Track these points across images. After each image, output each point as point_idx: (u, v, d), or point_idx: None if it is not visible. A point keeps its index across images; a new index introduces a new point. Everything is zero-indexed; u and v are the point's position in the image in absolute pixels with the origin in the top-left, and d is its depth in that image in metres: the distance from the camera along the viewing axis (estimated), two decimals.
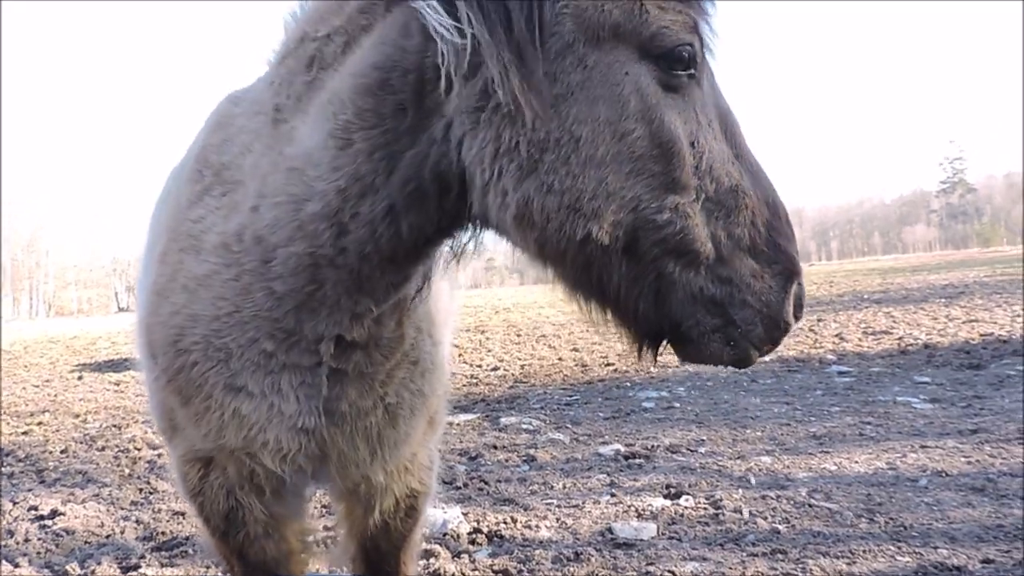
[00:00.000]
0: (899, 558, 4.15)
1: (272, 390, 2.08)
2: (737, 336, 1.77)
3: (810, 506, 5.13)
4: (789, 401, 8.80)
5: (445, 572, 4.23)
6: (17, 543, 5.19)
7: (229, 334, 2.06)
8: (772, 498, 5.33)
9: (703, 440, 7.23)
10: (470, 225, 1.90)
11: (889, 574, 3.96)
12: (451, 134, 1.74)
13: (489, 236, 1.94)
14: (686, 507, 5.26)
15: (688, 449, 6.89)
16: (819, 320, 17.64)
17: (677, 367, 11.89)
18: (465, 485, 6.08)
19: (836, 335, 14.68)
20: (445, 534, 4.87)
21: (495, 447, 7.37)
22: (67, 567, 4.67)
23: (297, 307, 1.99)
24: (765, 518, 4.94)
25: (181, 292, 2.11)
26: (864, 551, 4.27)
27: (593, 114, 1.66)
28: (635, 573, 4.18)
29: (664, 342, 1.85)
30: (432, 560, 4.37)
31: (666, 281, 1.74)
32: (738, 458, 6.49)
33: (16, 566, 4.71)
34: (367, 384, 2.18)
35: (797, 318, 1.83)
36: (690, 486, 5.72)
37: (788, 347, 13.31)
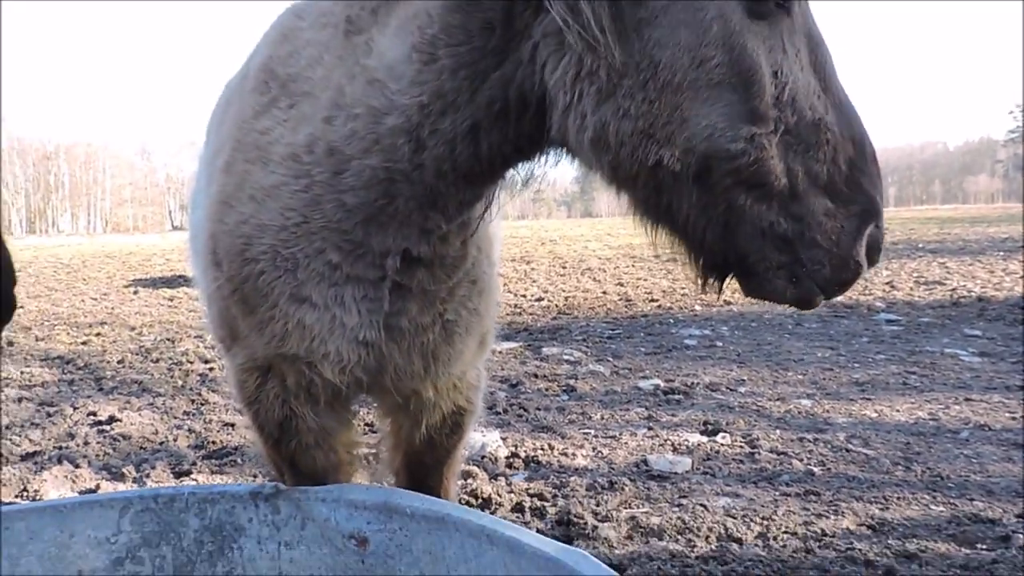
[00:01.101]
0: (933, 507, 4.16)
1: (335, 302, 2.14)
2: (802, 274, 1.74)
3: (847, 451, 5.14)
4: (833, 346, 8.74)
5: (482, 492, 4.35)
6: (77, 445, 5.46)
7: (296, 244, 2.10)
8: (809, 441, 5.35)
9: (743, 380, 7.24)
10: (546, 148, 1.90)
11: (922, 522, 3.98)
12: (537, 56, 1.73)
13: (557, 164, 1.95)
14: (722, 444, 5.31)
15: (728, 388, 6.92)
16: None
17: (721, 306, 11.84)
18: (505, 411, 6.20)
19: (887, 283, 14.42)
20: (483, 456, 5.00)
21: (536, 376, 7.47)
22: (123, 470, 4.91)
23: (366, 220, 2.03)
24: (801, 460, 4.97)
25: (248, 202, 2.15)
26: (898, 498, 4.29)
27: (674, 39, 1.63)
28: (667, 504, 4.26)
29: (729, 276, 1.84)
30: (470, 480, 4.50)
31: (736, 213, 1.71)
32: (778, 399, 6.50)
33: (76, 467, 4.96)
34: (428, 301, 2.23)
35: (872, 262, 1.79)
36: (727, 424, 5.76)
37: None
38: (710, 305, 12.00)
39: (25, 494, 4.51)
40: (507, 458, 5.02)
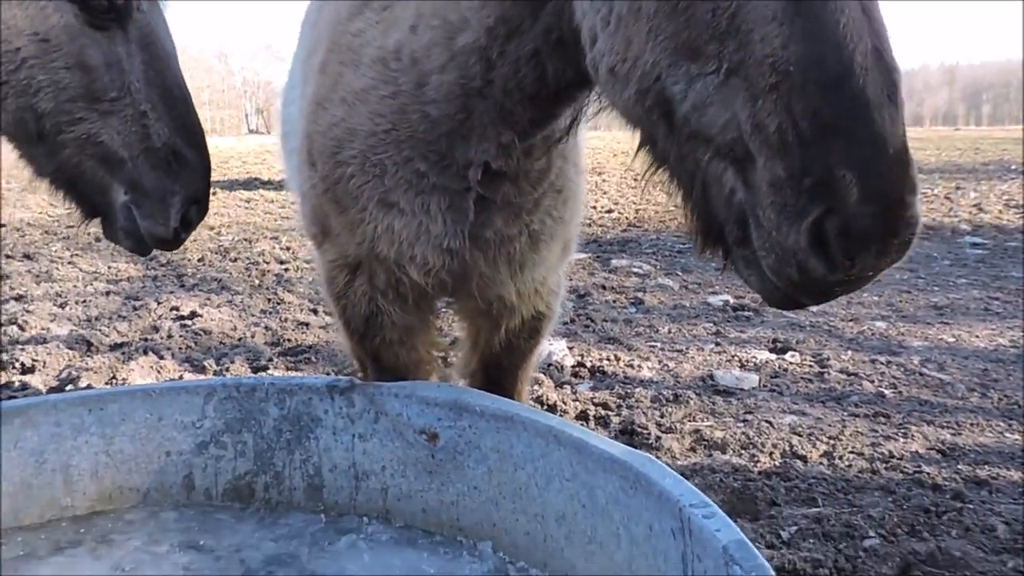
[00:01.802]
0: (1007, 435, 4.08)
1: (422, 210, 2.18)
2: (754, 260, 1.45)
3: (921, 375, 5.04)
4: (913, 268, 8.47)
5: (547, 400, 4.43)
6: (161, 338, 5.71)
7: (385, 151, 2.14)
8: (881, 363, 5.25)
9: None
10: None
11: (995, 449, 3.91)
12: None
13: None
14: (791, 363, 5.26)
15: None
16: (957, 188, 16.58)
17: None
18: (572, 321, 6.23)
19: (974, 205, 13.81)
20: (550, 365, 5.06)
21: (604, 287, 7.47)
22: (204, 363, 5.14)
23: (449, 132, 2.06)
24: (872, 381, 4.90)
25: (340, 104, 2.20)
26: (971, 424, 4.21)
27: None
28: (732, 419, 4.27)
29: (722, 245, 1.56)
30: (536, 388, 4.57)
31: (701, 170, 1.48)
32: (851, 320, 6.38)
33: (161, 358, 5.21)
34: (513, 213, 2.25)
35: (852, 255, 1.32)
36: (797, 343, 5.69)
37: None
38: None
39: (114, 381, 4.76)
40: (573, 367, 5.08)
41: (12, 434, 2.47)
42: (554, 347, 5.28)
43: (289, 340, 5.67)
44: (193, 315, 6.28)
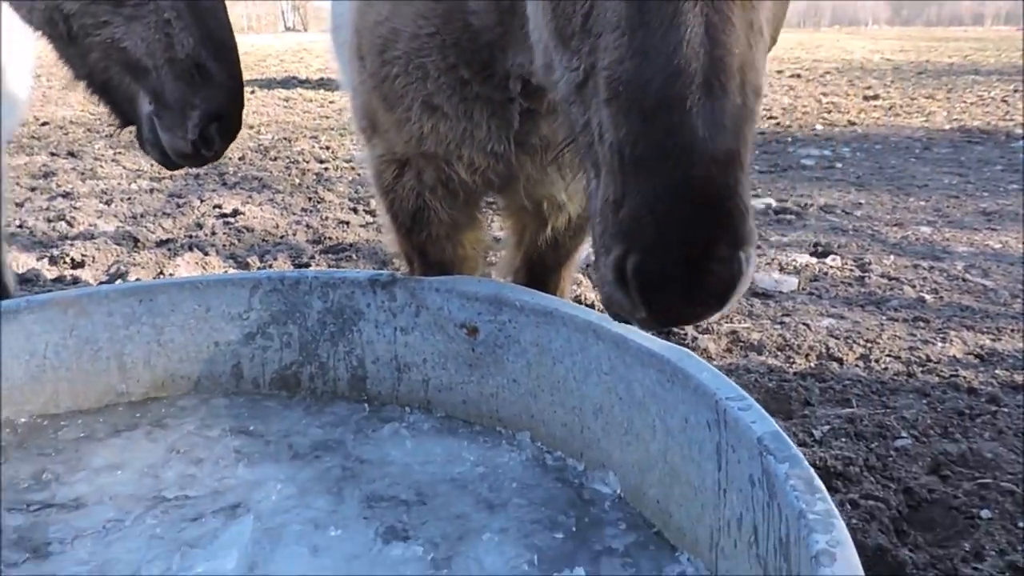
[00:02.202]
0: None
1: (465, 116, 2.16)
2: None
3: (964, 280, 4.97)
4: (963, 173, 8.24)
5: (585, 299, 4.46)
6: (205, 235, 5.81)
7: (428, 55, 2.12)
8: (924, 268, 5.18)
9: (860, 203, 6.97)
10: None
11: None
12: None
13: None
14: (832, 266, 5.21)
15: (843, 211, 6.69)
16: (1015, 91, 15.90)
17: (845, 126, 11.24)
18: None
19: None
20: (588, 265, 5.07)
21: None
22: (248, 260, 5.23)
23: (490, 43, 2.03)
24: (913, 286, 4.85)
25: (384, 1, 2.18)
26: (1012, 330, 4.17)
27: None
28: (769, 321, 4.27)
29: None
30: (575, 288, 4.60)
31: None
32: (895, 225, 6.27)
33: (205, 254, 5.31)
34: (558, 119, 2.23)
35: (646, 302, 1.24)
36: (839, 247, 5.63)
37: (973, 116, 12.24)
38: (832, 124, 11.40)
39: (160, 277, 4.88)
40: None
41: (67, 323, 2.57)
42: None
43: (330, 238, 5.73)
44: (235, 213, 6.36)
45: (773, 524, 1.51)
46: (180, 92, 2.36)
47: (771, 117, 12.43)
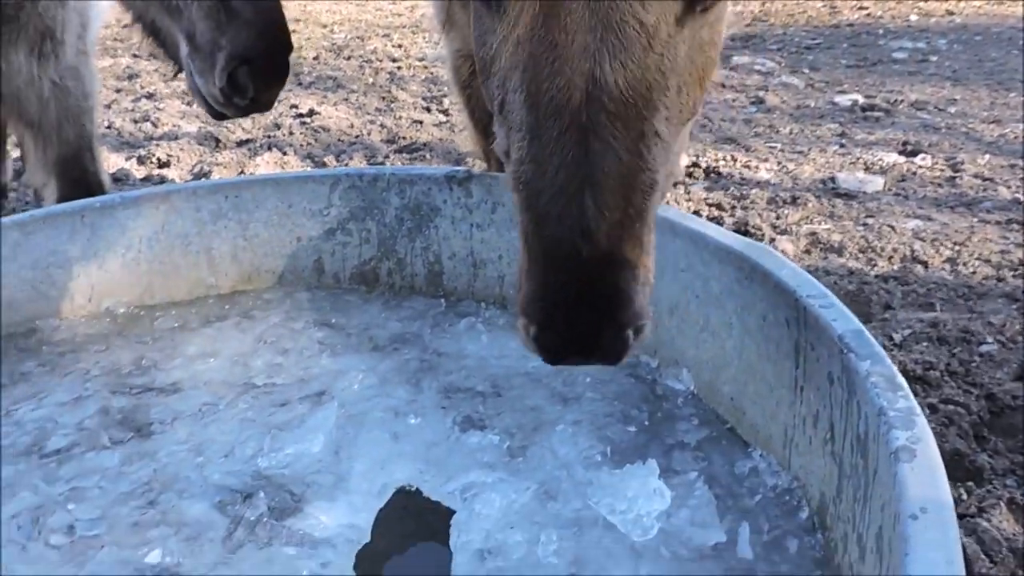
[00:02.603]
0: None
1: None
2: None
3: None
4: None
5: None
6: (284, 135, 5.88)
7: None
8: (1020, 168, 4.92)
9: (955, 99, 6.60)
10: None
11: None
12: None
13: None
14: (921, 166, 4.99)
15: (936, 107, 6.36)
16: None
17: (941, 16, 10.56)
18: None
19: None
20: None
21: (723, 85, 7.14)
22: (325, 159, 5.29)
23: None
24: (1008, 187, 4.62)
25: None
26: None
27: None
28: (852, 223, 4.15)
29: None
30: None
31: None
32: (992, 122, 5.93)
33: (284, 154, 5.39)
34: None
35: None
36: (929, 145, 5.37)
37: None
38: (928, 15, 10.70)
39: (242, 176, 4.99)
40: (688, 168, 4.98)
41: (159, 218, 2.67)
42: None
43: (404, 137, 5.74)
44: (311, 113, 6.40)
45: (851, 421, 1.51)
46: (208, 33, 2.21)
47: (861, 7, 11.73)
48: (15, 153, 4.20)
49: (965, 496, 2.30)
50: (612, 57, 1.16)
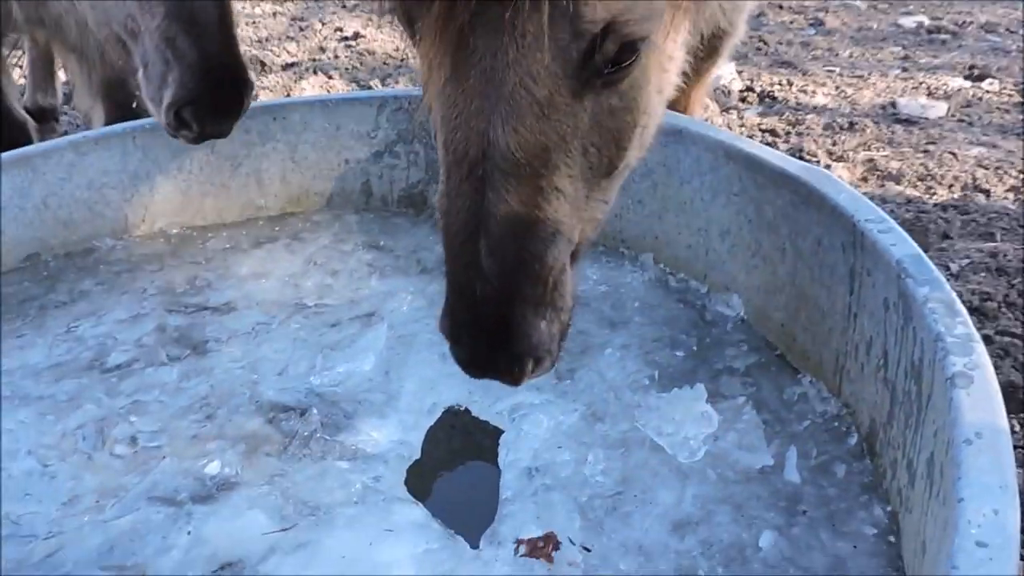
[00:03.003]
0: None
1: None
2: None
3: None
4: None
5: (711, 124, 4.29)
6: (329, 59, 5.84)
7: None
8: None
9: None
10: None
11: None
12: None
13: None
14: (987, 91, 4.79)
15: (1007, 29, 6.05)
16: None
17: None
18: (743, 43, 5.84)
19: None
20: (716, 88, 4.85)
21: (780, 6, 6.87)
22: (370, 83, 5.25)
23: None
24: None
25: None
26: None
27: None
28: (911, 149, 4.02)
29: None
30: (702, 112, 4.43)
31: None
32: None
33: (329, 77, 5.36)
34: None
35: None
36: (998, 70, 5.14)
37: None
38: None
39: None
40: (741, 92, 4.84)
41: (209, 140, 2.68)
42: (722, 70, 5.01)
43: None
44: (356, 36, 6.33)
45: (906, 348, 1.49)
46: (159, 66, 2.17)
47: None
48: (64, 77, 4.24)
49: (1018, 428, 2.27)
50: (504, 122, 1.26)
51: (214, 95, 2.18)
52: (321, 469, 1.74)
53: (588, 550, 1.53)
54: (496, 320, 1.32)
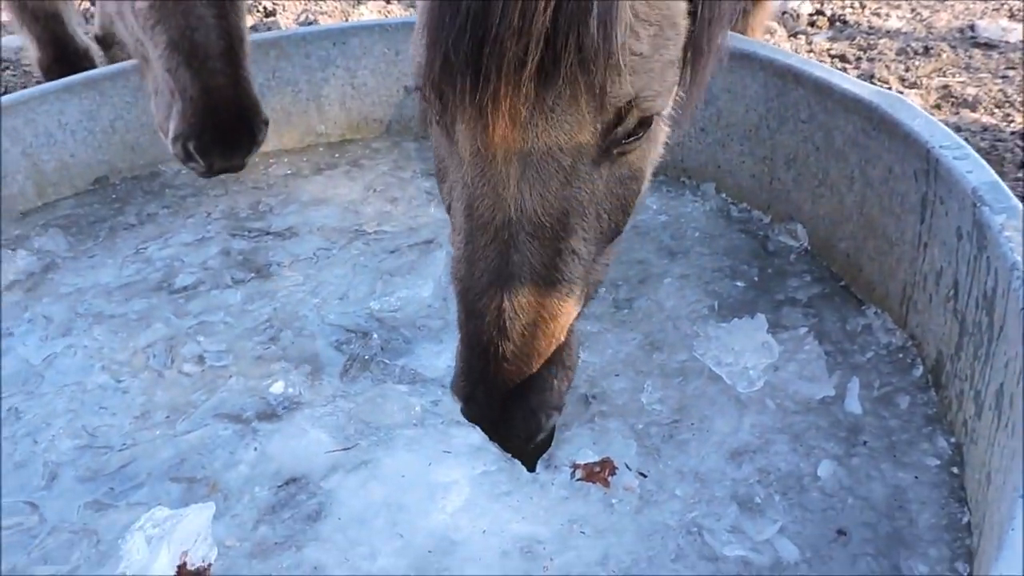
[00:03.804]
0: None
1: None
2: None
3: None
4: None
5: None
6: None
7: None
8: None
9: None
10: None
11: None
12: None
13: None
14: None
15: None
16: None
17: None
18: None
19: None
20: (784, 13, 4.66)
21: None
22: None
23: None
24: None
25: None
26: None
27: None
28: (989, 75, 3.83)
29: None
30: (767, 37, 4.27)
31: None
32: None
33: (388, 2, 5.29)
34: None
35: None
36: None
37: None
38: None
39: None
40: (811, 15, 4.65)
41: (269, 65, 2.68)
42: None
43: None
44: None
45: (978, 278, 1.44)
46: (166, 96, 2.13)
47: None
48: None
49: None
50: (532, 189, 1.33)
51: (217, 131, 2.11)
52: (381, 392, 1.78)
53: (644, 476, 1.55)
54: (516, 376, 1.40)
